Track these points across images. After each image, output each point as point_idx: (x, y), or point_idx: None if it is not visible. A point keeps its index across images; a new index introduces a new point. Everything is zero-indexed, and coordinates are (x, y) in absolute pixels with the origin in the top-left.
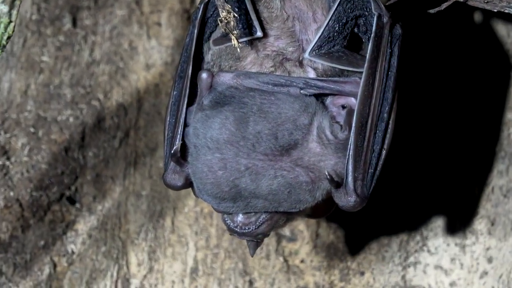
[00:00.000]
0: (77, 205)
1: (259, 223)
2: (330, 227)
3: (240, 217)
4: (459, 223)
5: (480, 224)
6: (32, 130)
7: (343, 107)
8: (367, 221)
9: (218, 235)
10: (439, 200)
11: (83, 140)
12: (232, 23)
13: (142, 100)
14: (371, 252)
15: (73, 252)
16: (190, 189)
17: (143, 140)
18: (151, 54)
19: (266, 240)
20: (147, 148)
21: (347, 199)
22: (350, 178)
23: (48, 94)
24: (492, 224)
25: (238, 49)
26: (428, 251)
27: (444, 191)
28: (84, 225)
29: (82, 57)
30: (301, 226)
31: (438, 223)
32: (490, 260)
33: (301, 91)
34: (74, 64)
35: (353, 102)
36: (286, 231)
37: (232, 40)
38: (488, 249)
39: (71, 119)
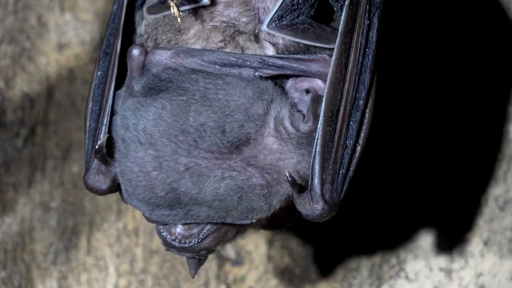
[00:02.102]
0: None
1: (202, 235)
2: (285, 247)
3: (179, 228)
4: (444, 243)
5: (470, 245)
6: None
7: (307, 91)
8: (331, 239)
9: (145, 257)
10: (420, 213)
11: None
12: None
13: (52, 88)
14: (335, 278)
15: None
16: (111, 198)
17: (54, 139)
18: (65, 31)
19: (204, 263)
20: (59, 148)
21: (312, 207)
22: (316, 181)
23: None
24: (486, 244)
25: (179, 19)
26: (406, 277)
27: (426, 202)
28: None
29: None
30: (249, 246)
31: (419, 242)
32: None
33: (256, 73)
34: None
35: (320, 85)
36: (230, 252)
37: (171, 8)
38: (479, 275)
39: None
